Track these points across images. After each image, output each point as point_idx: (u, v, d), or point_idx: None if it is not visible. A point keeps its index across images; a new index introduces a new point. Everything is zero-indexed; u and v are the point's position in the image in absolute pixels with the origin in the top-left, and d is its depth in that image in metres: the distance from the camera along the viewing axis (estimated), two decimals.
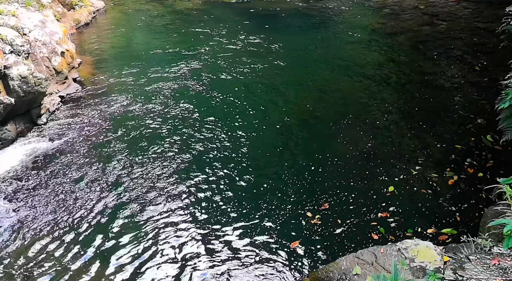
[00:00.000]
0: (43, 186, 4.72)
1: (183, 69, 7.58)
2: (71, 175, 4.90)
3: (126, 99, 6.59)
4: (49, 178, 4.85)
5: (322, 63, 7.86)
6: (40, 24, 6.68)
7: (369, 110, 6.23)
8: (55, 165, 5.06)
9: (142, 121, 5.99)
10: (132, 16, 10.72)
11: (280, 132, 5.80)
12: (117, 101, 6.51)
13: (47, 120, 5.92)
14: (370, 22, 9.82)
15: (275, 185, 4.76)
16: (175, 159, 5.19)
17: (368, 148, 5.37)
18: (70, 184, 4.75)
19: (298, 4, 11.45)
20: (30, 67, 5.58)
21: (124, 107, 6.35)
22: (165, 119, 6.05)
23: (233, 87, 6.99)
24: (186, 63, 7.80)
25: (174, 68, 7.61)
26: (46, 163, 5.09)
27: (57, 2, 8.98)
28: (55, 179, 4.82)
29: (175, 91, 6.83)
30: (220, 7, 11.44)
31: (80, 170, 4.99)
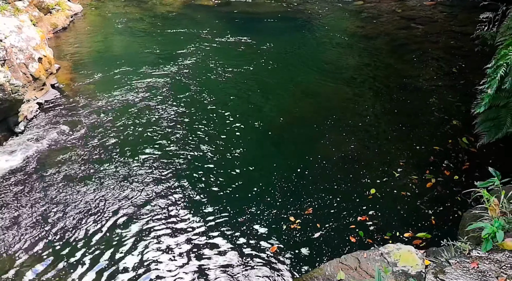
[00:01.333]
0: (21, 197, 4.61)
1: (163, 72, 7.54)
2: (50, 184, 4.80)
3: (106, 104, 6.51)
4: (27, 188, 4.75)
5: (303, 66, 7.93)
6: (16, 29, 6.53)
7: (350, 113, 6.32)
8: (33, 174, 4.95)
9: (122, 127, 5.93)
10: (110, 19, 10.57)
11: (262, 135, 5.83)
12: (97, 107, 6.42)
13: (24, 128, 5.79)
14: (349, 26, 9.97)
15: (259, 189, 4.79)
16: (158, 165, 5.15)
17: (351, 150, 5.45)
18: (49, 195, 4.65)
19: (279, 7, 11.52)
20: (7, 74, 5.45)
21: (104, 113, 6.27)
22: (146, 124, 6.01)
23: (214, 90, 6.99)
24: (166, 66, 7.76)
25: (154, 71, 7.56)
26: (24, 172, 4.98)
27: (33, 6, 8.79)
28: (34, 189, 4.72)
29: (156, 95, 6.79)
30: (201, 10, 11.39)
31: (60, 178, 4.90)
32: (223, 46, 8.73)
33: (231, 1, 12.22)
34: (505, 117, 3.92)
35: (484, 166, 4.74)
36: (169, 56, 8.21)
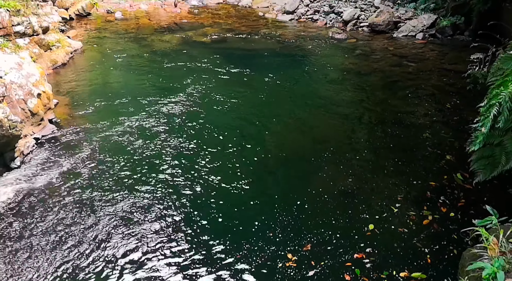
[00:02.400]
0: (16, 231, 4.53)
1: (161, 107, 7.62)
2: (45, 219, 4.73)
3: (103, 139, 6.52)
4: (21, 223, 4.67)
5: (299, 101, 8.07)
6: (16, 66, 6.63)
7: (347, 147, 6.38)
8: (28, 210, 4.89)
9: (119, 161, 5.92)
10: (109, 56, 10.79)
11: (259, 169, 5.83)
12: (93, 142, 6.42)
13: (21, 164, 5.76)
14: (343, 62, 10.26)
15: (256, 224, 4.74)
16: (154, 198, 5.11)
17: (348, 185, 5.46)
18: (44, 229, 4.58)
19: (274, 44, 11.89)
20: (5, 110, 5.48)
21: (101, 148, 6.26)
22: (144, 157, 6.01)
23: (210, 123, 7.05)
24: (163, 101, 7.86)
25: (152, 106, 7.63)
26: (20, 208, 4.91)
27: (33, 44, 8.97)
28: (28, 224, 4.65)
29: (154, 129, 6.83)
30: (198, 46, 11.70)
31: (55, 213, 4.83)
32: (219, 81, 8.90)
33: (227, 37, 12.61)
34: (499, 156, 3.99)
35: (480, 203, 4.83)
36: (167, 91, 8.34)
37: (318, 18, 14.52)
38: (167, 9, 16.40)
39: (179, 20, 14.78)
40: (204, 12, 16.14)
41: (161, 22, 14.57)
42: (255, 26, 13.96)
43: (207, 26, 14.00)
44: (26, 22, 8.84)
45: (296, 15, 15.02)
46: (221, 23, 14.45)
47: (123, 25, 13.86)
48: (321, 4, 15.05)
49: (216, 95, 8.17)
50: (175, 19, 14.92)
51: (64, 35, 11.27)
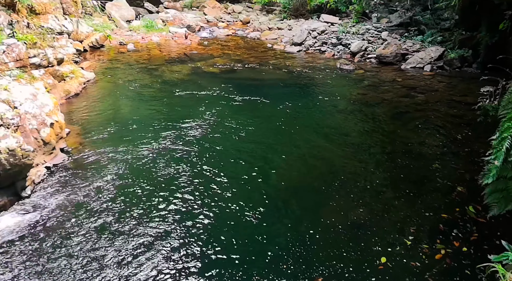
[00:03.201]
0: (25, 260, 4.50)
1: (171, 135, 7.68)
2: (56, 249, 4.70)
3: (114, 168, 6.54)
4: (31, 251, 4.65)
5: (308, 131, 8.10)
6: (31, 97, 6.80)
7: (356, 178, 6.33)
8: (38, 239, 4.87)
9: (129, 190, 5.92)
10: (121, 86, 11.02)
11: (268, 199, 5.78)
12: (105, 171, 6.45)
13: (31, 193, 5.79)
14: (352, 93, 10.35)
15: (266, 257, 4.66)
16: (165, 226, 5.07)
17: (359, 216, 5.39)
18: (53, 258, 4.54)
19: (282, 74, 12.08)
20: (19, 140, 5.57)
21: (112, 177, 6.28)
22: (154, 185, 6.02)
23: (218, 152, 7.09)
24: (173, 130, 7.93)
25: (162, 135, 7.70)
26: (30, 237, 4.90)
27: (48, 75, 9.21)
28: (38, 253, 4.63)
29: (163, 157, 6.88)
30: (207, 76, 11.91)
31: (66, 243, 4.81)
32: (228, 111, 8.99)
33: (236, 68, 12.85)
34: None
35: (494, 238, 4.73)
36: (177, 120, 8.43)
37: (326, 49, 14.79)
38: (178, 41, 16.83)
39: (189, 51, 15.13)
40: (214, 44, 16.53)
41: (171, 53, 14.92)
42: (264, 57, 14.24)
43: (217, 57, 14.30)
44: (42, 54, 9.12)
45: (304, 47, 15.33)
46: (230, 54, 14.77)
47: (135, 56, 14.21)
48: (329, 36, 15.37)
49: (225, 124, 8.25)
50: (185, 50, 15.28)
51: (78, 66, 11.57)
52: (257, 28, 19.10)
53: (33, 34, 9.47)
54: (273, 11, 21.39)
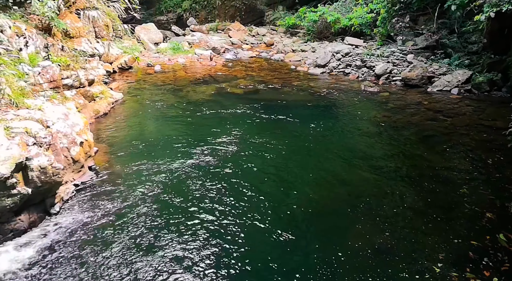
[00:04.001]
0: (55, 275, 4.58)
1: (194, 156, 7.77)
2: (84, 265, 4.78)
3: (139, 186, 6.65)
4: (59, 267, 4.75)
5: (331, 153, 8.04)
6: (63, 116, 7.04)
7: (380, 203, 6.21)
8: (67, 254, 4.97)
9: (155, 208, 6.00)
10: (147, 106, 11.30)
11: (291, 222, 5.72)
12: (131, 189, 6.57)
13: (60, 210, 5.94)
14: (376, 115, 10.25)
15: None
16: (192, 245, 5.07)
17: (384, 241, 5.25)
18: (83, 273, 4.63)
19: (306, 96, 12.12)
20: (50, 158, 5.76)
21: (137, 195, 6.39)
22: (178, 203, 6.08)
23: (241, 173, 7.11)
24: (197, 149, 8.03)
25: (187, 154, 7.81)
26: (59, 254, 5.01)
27: (79, 95, 9.56)
28: (66, 268, 4.71)
29: (187, 175, 6.96)
30: (231, 97, 12.08)
31: (93, 258, 4.89)
32: (251, 132, 9.05)
33: (259, 89, 12.99)
34: None
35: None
36: (201, 140, 8.54)
37: (350, 71, 14.79)
38: (203, 63, 17.22)
39: (214, 73, 15.43)
40: (238, 65, 16.82)
41: (196, 74, 15.25)
42: (287, 79, 14.35)
43: (241, 78, 14.52)
44: (74, 76, 9.50)
45: (328, 69, 15.39)
46: (254, 75, 14.97)
47: (161, 78, 14.60)
48: (353, 59, 15.39)
49: (249, 145, 8.29)
50: (210, 72, 15.59)
51: (107, 87, 11.97)
52: (280, 50, 19.35)
53: (67, 57, 9.90)
54: (297, 34, 21.66)
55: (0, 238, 5.09)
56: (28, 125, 5.84)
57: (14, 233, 5.22)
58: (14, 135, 5.38)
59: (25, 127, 5.71)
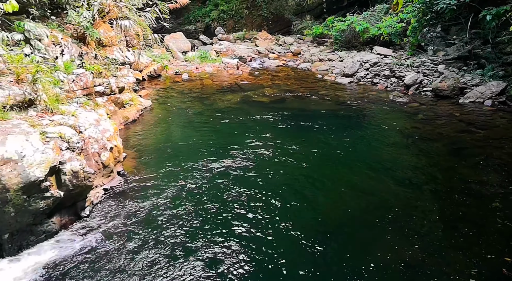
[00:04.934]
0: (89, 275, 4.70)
1: (220, 162, 7.83)
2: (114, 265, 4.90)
3: (166, 192, 6.75)
4: (93, 267, 4.89)
5: (357, 163, 7.91)
6: (94, 122, 7.25)
7: (410, 215, 6.04)
8: (96, 255, 5.10)
9: (181, 213, 6.07)
10: (175, 113, 11.51)
11: (313, 233, 5.63)
12: (158, 195, 6.68)
13: (90, 213, 6.10)
14: (405, 126, 10.03)
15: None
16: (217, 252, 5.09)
17: (413, 256, 5.09)
18: (115, 273, 4.73)
19: (332, 105, 12.02)
20: (82, 162, 5.93)
21: (164, 200, 6.48)
22: (203, 210, 6.14)
23: (265, 181, 7.10)
24: (222, 156, 8.10)
25: (211, 162, 7.87)
26: (89, 256, 5.14)
27: (110, 102, 9.85)
28: (99, 269, 4.84)
29: (212, 183, 7.01)
30: (257, 106, 12.12)
31: (122, 260, 5.00)
32: (276, 139, 9.03)
33: (285, 98, 12.99)
34: None
35: None
36: (226, 147, 8.61)
37: (379, 81, 14.59)
38: (230, 71, 17.41)
39: (240, 81, 15.56)
40: (264, 74, 16.90)
41: (223, 83, 15.43)
42: (314, 88, 14.30)
43: (267, 87, 14.57)
44: (106, 83, 9.81)
45: (356, 78, 15.24)
46: (280, 84, 14.99)
47: (188, 86, 14.85)
48: (382, 68, 15.19)
49: (274, 153, 8.28)
50: (236, 80, 15.74)
51: (137, 94, 12.27)
52: (307, 59, 19.34)
53: (99, 65, 10.24)
54: (324, 43, 21.61)
55: (34, 239, 5.26)
56: (62, 130, 6.04)
57: (46, 234, 5.39)
58: (49, 140, 5.58)
59: (59, 132, 5.91)
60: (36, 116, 6.28)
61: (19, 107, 6.14)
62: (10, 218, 4.89)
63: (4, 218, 4.82)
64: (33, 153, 5.10)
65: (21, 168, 4.89)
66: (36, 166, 5.04)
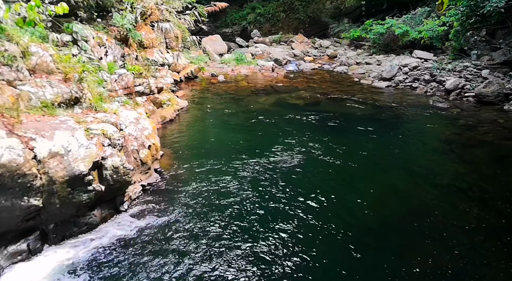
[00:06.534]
0: (120, 271, 4.87)
1: (252, 163, 7.89)
2: (150, 260, 5.05)
3: (201, 190, 6.88)
4: (126, 261, 5.05)
5: (394, 168, 7.74)
6: (134, 120, 7.50)
7: (448, 223, 5.84)
8: (133, 250, 5.27)
9: (217, 211, 6.19)
10: (210, 114, 11.70)
11: (348, 239, 5.54)
12: (193, 193, 6.82)
13: (128, 207, 6.31)
14: (445, 132, 9.71)
15: None
16: (249, 255, 5.13)
17: (450, 265, 4.92)
18: (153, 266, 4.90)
19: (368, 109, 11.81)
20: (122, 159, 6.15)
21: (200, 199, 6.60)
22: (235, 209, 6.21)
23: (299, 183, 7.07)
24: (255, 157, 8.14)
25: (245, 162, 7.93)
26: (125, 247, 5.33)
27: (149, 101, 10.15)
28: (131, 263, 4.99)
29: (244, 182, 7.09)
30: (291, 108, 12.10)
31: (160, 252, 5.19)
32: (310, 143, 8.97)
33: (320, 101, 12.90)
34: None
35: None
36: (260, 148, 8.66)
37: (418, 86, 14.19)
38: (265, 74, 17.48)
39: (275, 84, 15.60)
40: (299, 77, 16.85)
41: (258, 85, 15.52)
42: (350, 91, 14.11)
43: (301, 89, 14.53)
44: (145, 83, 10.13)
45: (394, 82, 14.90)
46: (315, 87, 14.90)
47: (224, 87, 15.04)
48: (421, 73, 14.77)
49: (307, 155, 8.24)
50: (271, 83, 15.78)
51: (174, 94, 12.58)
52: (344, 62, 19.11)
53: (140, 66, 10.59)
54: (361, 46, 21.28)
55: (76, 230, 5.51)
56: (104, 127, 6.29)
57: (88, 226, 5.63)
58: (93, 136, 5.83)
59: (102, 129, 6.15)
60: (81, 114, 6.58)
61: (66, 105, 6.45)
62: (55, 209, 5.15)
63: (50, 208, 5.08)
64: (78, 148, 5.35)
65: (66, 161, 5.14)
66: (80, 160, 5.29)
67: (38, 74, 6.36)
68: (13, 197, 4.66)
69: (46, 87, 6.19)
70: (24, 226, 4.96)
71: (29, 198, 4.78)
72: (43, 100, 5.99)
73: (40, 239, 5.18)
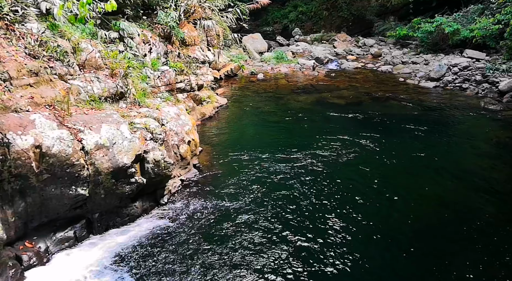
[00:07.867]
0: (162, 262, 4.97)
1: (289, 161, 7.82)
2: (187, 253, 5.14)
3: (239, 188, 6.89)
4: (168, 253, 5.16)
5: (440, 172, 7.38)
6: (175, 116, 7.62)
7: (498, 231, 5.49)
8: (174, 242, 5.38)
9: (252, 207, 6.18)
10: (248, 112, 11.70)
11: (388, 244, 5.35)
12: (230, 189, 6.84)
13: (167, 201, 6.44)
14: (497, 135, 9.14)
15: None
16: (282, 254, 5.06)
17: (502, 276, 4.61)
18: (189, 262, 4.94)
19: (413, 110, 11.36)
20: (163, 153, 6.26)
21: (237, 196, 6.62)
22: (272, 205, 6.19)
23: (337, 184, 6.92)
24: (292, 156, 8.07)
25: (284, 161, 7.87)
26: (166, 239, 5.44)
27: (189, 98, 10.30)
28: (173, 255, 5.11)
29: (280, 180, 7.06)
30: (331, 107, 11.86)
31: (201, 243, 5.32)
32: (350, 143, 8.75)
33: (362, 100, 12.56)
34: None
35: None
36: (297, 147, 8.55)
37: (468, 87, 13.47)
38: (305, 72, 17.28)
39: (316, 82, 15.37)
40: (341, 76, 16.51)
41: (298, 83, 15.36)
42: (394, 91, 13.63)
43: (343, 89, 14.22)
44: (186, 80, 10.28)
45: (442, 83, 14.23)
46: (357, 86, 14.54)
47: (263, 85, 15.01)
48: (472, 73, 14.02)
49: (349, 155, 8.04)
50: (311, 82, 15.57)
51: (214, 92, 12.70)
52: (389, 61, 18.51)
53: (182, 63, 10.77)
54: (408, 45, 20.53)
55: (119, 220, 5.68)
56: (147, 122, 6.44)
57: (130, 217, 5.79)
58: (136, 130, 5.97)
59: (145, 124, 6.30)
60: (126, 108, 6.77)
61: (111, 99, 6.66)
62: (100, 199, 5.33)
63: (95, 198, 5.26)
64: (122, 141, 5.50)
65: (111, 154, 5.30)
66: (124, 153, 5.43)
67: (87, 69, 6.62)
68: (62, 186, 4.86)
69: (94, 82, 6.42)
70: (72, 214, 5.17)
71: (77, 187, 4.98)
72: (91, 94, 6.22)
73: (86, 227, 5.39)
